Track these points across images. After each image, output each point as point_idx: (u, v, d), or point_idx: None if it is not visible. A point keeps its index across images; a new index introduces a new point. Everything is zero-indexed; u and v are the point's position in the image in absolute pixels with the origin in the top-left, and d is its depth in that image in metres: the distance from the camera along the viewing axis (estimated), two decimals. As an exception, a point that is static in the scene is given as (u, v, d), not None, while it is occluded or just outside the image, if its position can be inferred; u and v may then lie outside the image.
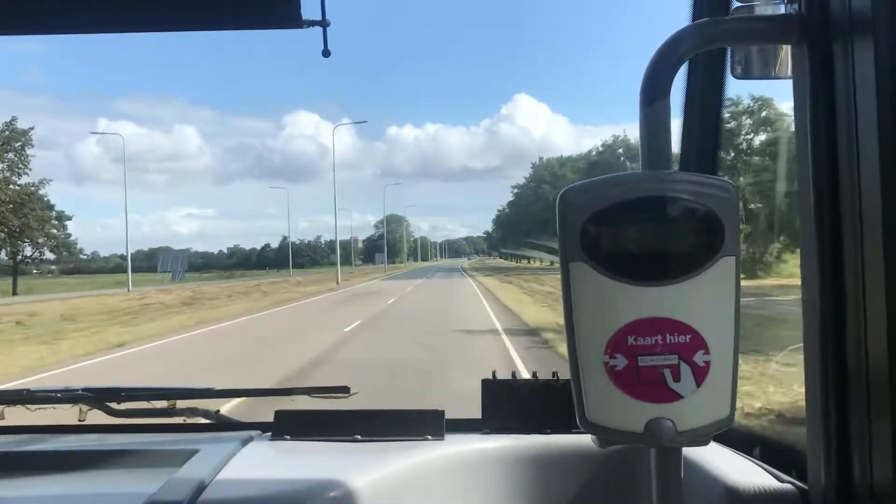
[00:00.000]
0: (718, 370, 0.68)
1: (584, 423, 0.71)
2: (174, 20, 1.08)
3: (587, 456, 1.32)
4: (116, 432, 1.58)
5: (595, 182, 0.70)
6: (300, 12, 1.01)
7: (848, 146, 0.75)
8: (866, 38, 0.70)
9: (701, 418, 0.69)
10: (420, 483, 1.28)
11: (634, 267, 0.68)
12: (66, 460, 1.37)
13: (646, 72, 0.75)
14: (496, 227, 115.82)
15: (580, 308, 0.70)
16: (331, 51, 1.05)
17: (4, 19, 1.05)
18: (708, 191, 0.69)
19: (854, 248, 0.75)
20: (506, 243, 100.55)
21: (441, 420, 1.43)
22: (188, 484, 1.15)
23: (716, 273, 0.68)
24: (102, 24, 1.09)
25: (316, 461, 1.35)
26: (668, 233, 0.69)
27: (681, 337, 0.68)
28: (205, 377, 9.20)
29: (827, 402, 0.81)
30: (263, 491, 1.16)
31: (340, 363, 10.56)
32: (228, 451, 1.34)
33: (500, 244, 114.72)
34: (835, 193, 0.78)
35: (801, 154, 0.82)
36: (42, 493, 1.30)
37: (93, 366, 11.58)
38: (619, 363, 0.68)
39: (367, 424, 1.45)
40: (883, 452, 0.72)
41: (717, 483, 1.09)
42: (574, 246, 0.69)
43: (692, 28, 0.80)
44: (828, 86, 0.77)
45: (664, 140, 0.73)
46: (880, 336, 0.72)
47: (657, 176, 0.72)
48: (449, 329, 14.60)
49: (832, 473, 0.81)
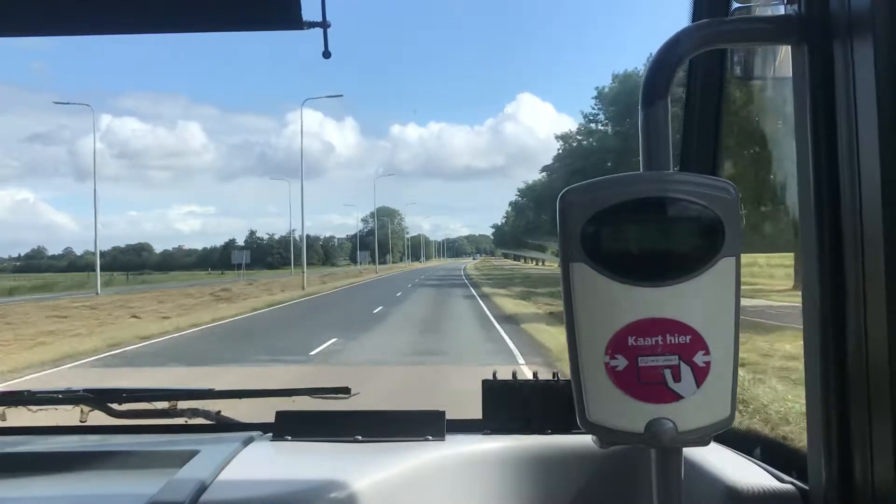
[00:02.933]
0: (719, 371, 0.69)
1: (585, 423, 0.72)
2: (176, 21, 1.08)
3: (588, 456, 1.32)
4: (117, 433, 1.58)
5: (595, 183, 0.71)
6: (301, 14, 1.02)
7: (848, 146, 0.75)
8: (866, 38, 0.71)
9: (701, 419, 0.69)
10: (421, 484, 1.28)
11: (635, 267, 0.68)
12: (67, 461, 1.38)
13: (646, 72, 0.76)
14: (512, 218, 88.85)
15: (581, 309, 0.70)
16: (333, 52, 1.05)
17: (7, 20, 1.05)
18: (708, 191, 0.69)
19: (854, 248, 0.75)
20: (518, 240, 77.81)
21: (442, 421, 1.43)
22: (189, 484, 1.15)
23: (716, 274, 0.68)
24: (104, 26, 1.09)
25: (317, 462, 1.35)
26: (668, 233, 0.69)
27: (681, 337, 0.68)
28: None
29: (827, 402, 0.81)
30: (264, 491, 1.16)
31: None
32: (229, 451, 1.34)
33: (511, 242, 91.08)
34: (835, 193, 0.78)
35: (801, 154, 0.83)
36: (43, 494, 1.30)
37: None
38: (619, 364, 0.68)
39: (367, 425, 1.45)
40: (883, 452, 0.73)
41: (718, 483, 1.09)
42: (574, 246, 0.69)
43: (692, 29, 0.80)
44: (827, 86, 0.77)
45: (664, 140, 0.73)
46: (880, 336, 0.72)
47: (657, 176, 0.72)
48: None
49: (833, 473, 0.81)
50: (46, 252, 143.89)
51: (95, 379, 11.00)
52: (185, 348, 14.82)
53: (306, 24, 1.02)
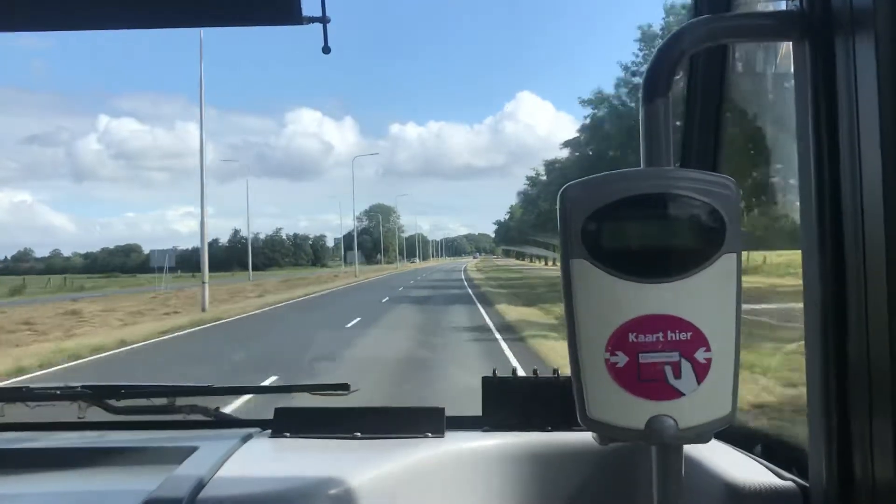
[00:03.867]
0: (719, 367, 0.68)
1: (585, 420, 0.71)
2: (173, 17, 1.08)
3: (588, 453, 1.32)
4: (116, 429, 1.58)
5: (596, 179, 0.70)
6: (300, 9, 1.01)
7: (849, 143, 0.75)
8: (868, 34, 0.70)
9: (702, 415, 0.69)
10: (420, 480, 1.28)
11: (635, 264, 0.68)
12: (65, 457, 1.37)
13: (647, 69, 0.75)
14: (519, 212, 78.05)
15: (581, 305, 0.70)
16: (332, 48, 1.05)
17: (6, 16, 1.05)
18: (709, 187, 0.69)
19: (855, 246, 0.75)
20: (525, 236, 66.40)
21: (441, 417, 1.43)
22: (187, 481, 1.15)
23: (717, 270, 0.68)
24: (101, 21, 1.08)
25: (316, 458, 1.35)
26: (669, 230, 0.69)
27: (682, 334, 0.68)
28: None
29: (828, 399, 0.81)
30: (263, 488, 1.16)
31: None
32: (228, 448, 1.34)
33: (518, 239, 79.29)
34: (836, 190, 0.77)
35: (802, 151, 0.82)
36: (41, 490, 1.29)
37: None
38: (620, 360, 0.68)
39: (367, 422, 1.45)
40: (884, 450, 0.72)
41: (719, 480, 1.09)
42: (575, 243, 0.69)
43: (693, 25, 0.80)
44: (829, 82, 0.77)
45: (665, 137, 0.73)
46: (881, 334, 0.71)
47: (658, 173, 0.72)
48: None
49: (833, 471, 0.81)
50: (33, 254, 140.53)
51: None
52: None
53: (306, 20, 1.02)
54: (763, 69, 0.94)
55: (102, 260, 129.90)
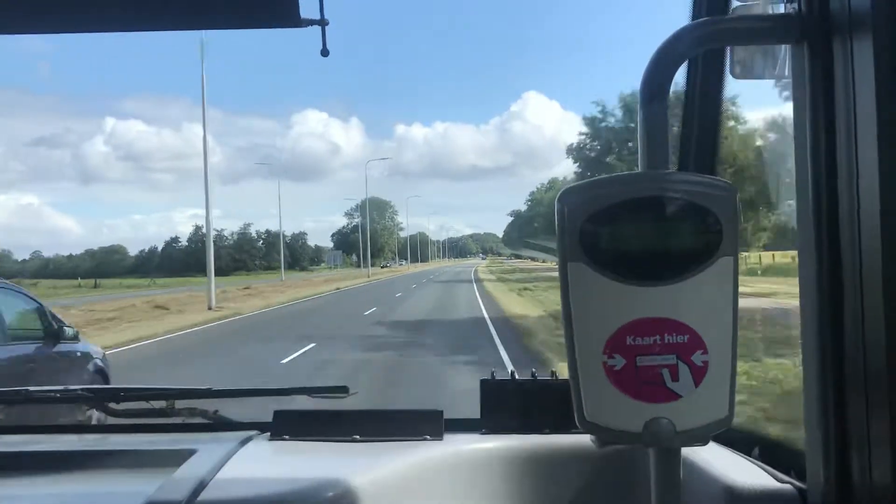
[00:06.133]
0: (717, 370, 0.68)
1: (583, 422, 0.71)
2: (173, 19, 1.08)
3: (586, 456, 1.32)
4: (115, 432, 1.58)
5: (594, 182, 0.71)
6: (298, 11, 1.01)
7: (847, 146, 0.75)
8: (866, 37, 0.70)
9: (699, 418, 0.69)
10: (419, 483, 1.28)
11: (633, 267, 0.68)
12: (64, 460, 1.37)
13: (645, 71, 0.76)
14: (544, 200, 59.50)
15: (579, 308, 0.70)
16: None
17: (9, 18, 1.05)
18: (706, 190, 0.69)
19: (852, 248, 0.75)
20: (536, 237, 54.65)
21: (440, 420, 1.43)
22: (187, 484, 1.15)
23: (714, 273, 0.68)
24: (102, 24, 1.09)
25: (314, 461, 1.35)
26: (666, 233, 0.69)
27: (679, 337, 0.68)
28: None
29: (825, 402, 0.81)
30: (262, 491, 1.16)
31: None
32: (227, 451, 1.34)
33: (540, 231, 54.37)
34: (833, 193, 0.78)
35: (799, 154, 0.82)
36: (41, 493, 1.29)
37: None
38: (617, 363, 0.68)
39: (365, 424, 1.45)
40: (881, 452, 0.72)
41: (716, 483, 1.09)
42: (573, 246, 0.69)
43: (691, 27, 0.80)
44: (827, 85, 0.77)
45: (662, 140, 0.73)
46: (878, 336, 0.71)
47: (655, 176, 0.72)
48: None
49: (831, 473, 0.81)
50: (11, 255, 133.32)
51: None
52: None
53: (304, 22, 1.02)
54: (761, 72, 0.94)
55: (94, 262, 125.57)
